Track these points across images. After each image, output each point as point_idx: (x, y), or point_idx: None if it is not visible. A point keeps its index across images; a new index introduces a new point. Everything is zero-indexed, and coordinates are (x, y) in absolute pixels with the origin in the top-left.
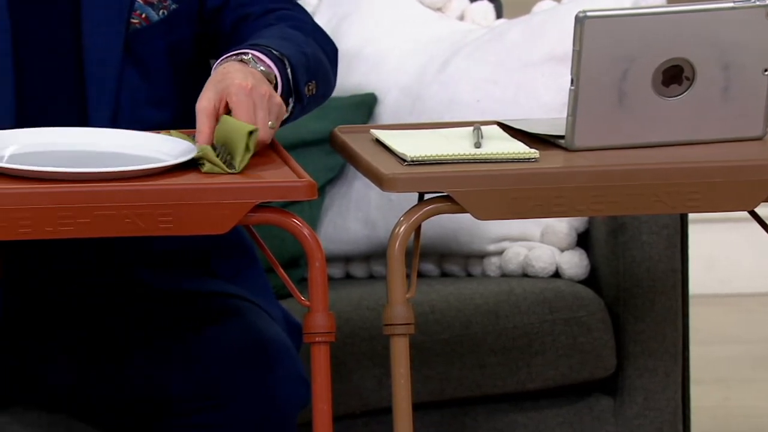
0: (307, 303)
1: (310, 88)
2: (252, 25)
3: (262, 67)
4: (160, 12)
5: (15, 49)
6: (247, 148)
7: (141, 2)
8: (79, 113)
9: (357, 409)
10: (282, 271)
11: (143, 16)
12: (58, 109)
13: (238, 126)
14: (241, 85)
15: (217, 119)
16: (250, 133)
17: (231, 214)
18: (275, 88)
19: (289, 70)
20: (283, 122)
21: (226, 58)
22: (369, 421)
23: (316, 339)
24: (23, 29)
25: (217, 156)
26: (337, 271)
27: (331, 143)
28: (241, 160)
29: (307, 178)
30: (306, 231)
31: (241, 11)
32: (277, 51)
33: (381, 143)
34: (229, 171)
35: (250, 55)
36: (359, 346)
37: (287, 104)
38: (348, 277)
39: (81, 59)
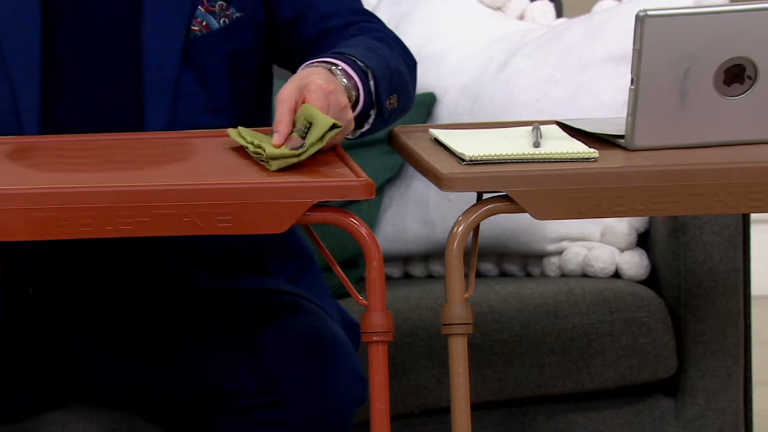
0: (365, 302)
1: (392, 101)
2: (335, 38)
3: (345, 80)
4: (221, 20)
5: (75, 51)
6: (321, 138)
7: (203, 10)
8: (135, 117)
9: (415, 409)
10: (339, 270)
11: (204, 23)
12: (115, 112)
13: (321, 115)
14: (321, 86)
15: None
16: (333, 127)
17: (289, 214)
18: (355, 103)
19: (372, 83)
20: (363, 134)
21: (313, 63)
22: (427, 421)
23: (374, 338)
24: (84, 31)
25: (298, 133)
26: (395, 270)
27: (390, 143)
28: (311, 144)
29: (365, 177)
30: (363, 230)
31: (322, 25)
32: (362, 62)
33: (439, 143)
34: (298, 155)
35: (339, 68)
36: (418, 345)
37: (368, 116)
38: (407, 276)
39: (139, 64)
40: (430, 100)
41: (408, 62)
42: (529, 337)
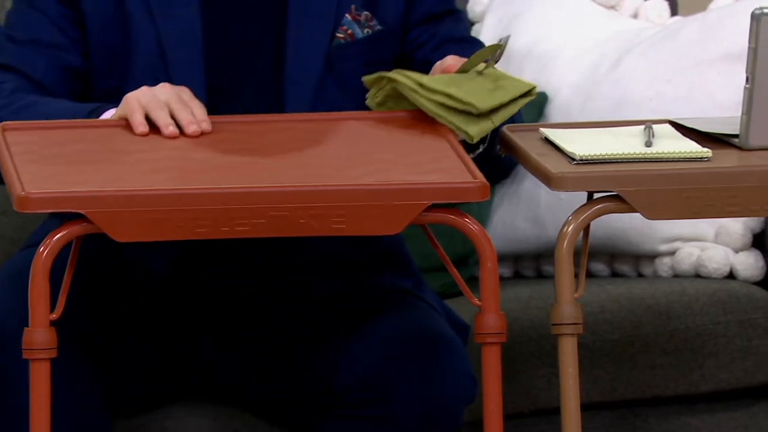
0: (479, 303)
1: (500, 150)
2: None
3: None
4: (365, 30)
5: (217, 53)
6: (515, 100)
7: (349, 18)
8: None
9: (526, 409)
10: (454, 269)
11: (349, 32)
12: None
13: (515, 78)
14: None
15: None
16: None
17: (404, 215)
18: None
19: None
20: None
21: None
22: (538, 421)
23: (488, 340)
24: (227, 34)
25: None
26: (506, 270)
27: (501, 142)
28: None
29: (481, 178)
30: (479, 232)
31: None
32: None
33: (550, 142)
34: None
35: None
36: (528, 345)
37: (477, 148)
38: (517, 276)
39: (282, 67)
40: (541, 100)
41: None
42: (641, 337)
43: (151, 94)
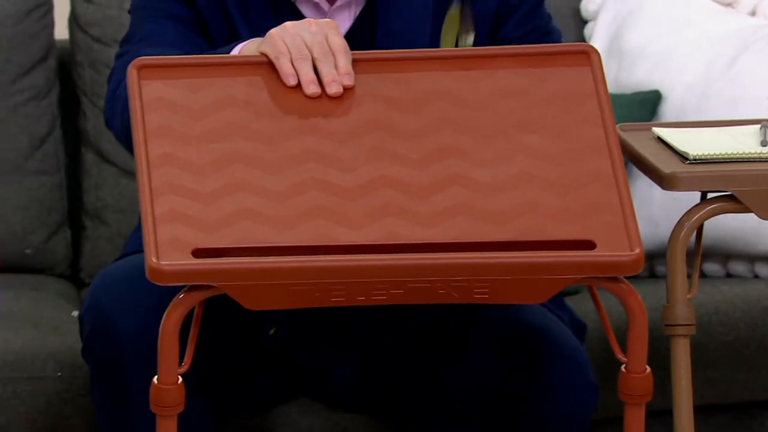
0: (625, 359)
1: None
2: None
3: None
4: None
5: None
6: None
7: None
8: None
9: None
10: (612, 333)
11: None
12: None
13: None
14: None
15: None
16: None
17: (549, 287)
18: None
19: None
20: None
21: None
22: (651, 422)
23: (633, 401)
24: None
25: None
26: None
27: None
28: None
29: (638, 249)
30: (635, 302)
31: None
32: None
33: (663, 141)
34: None
35: None
36: None
37: None
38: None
39: None
40: (655, 98)
41: None
42: (757, 339)
43: (295, 33)
